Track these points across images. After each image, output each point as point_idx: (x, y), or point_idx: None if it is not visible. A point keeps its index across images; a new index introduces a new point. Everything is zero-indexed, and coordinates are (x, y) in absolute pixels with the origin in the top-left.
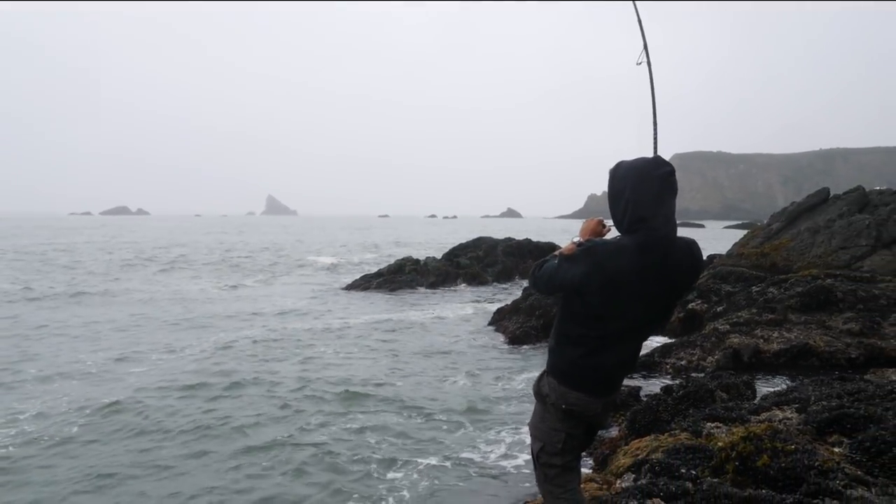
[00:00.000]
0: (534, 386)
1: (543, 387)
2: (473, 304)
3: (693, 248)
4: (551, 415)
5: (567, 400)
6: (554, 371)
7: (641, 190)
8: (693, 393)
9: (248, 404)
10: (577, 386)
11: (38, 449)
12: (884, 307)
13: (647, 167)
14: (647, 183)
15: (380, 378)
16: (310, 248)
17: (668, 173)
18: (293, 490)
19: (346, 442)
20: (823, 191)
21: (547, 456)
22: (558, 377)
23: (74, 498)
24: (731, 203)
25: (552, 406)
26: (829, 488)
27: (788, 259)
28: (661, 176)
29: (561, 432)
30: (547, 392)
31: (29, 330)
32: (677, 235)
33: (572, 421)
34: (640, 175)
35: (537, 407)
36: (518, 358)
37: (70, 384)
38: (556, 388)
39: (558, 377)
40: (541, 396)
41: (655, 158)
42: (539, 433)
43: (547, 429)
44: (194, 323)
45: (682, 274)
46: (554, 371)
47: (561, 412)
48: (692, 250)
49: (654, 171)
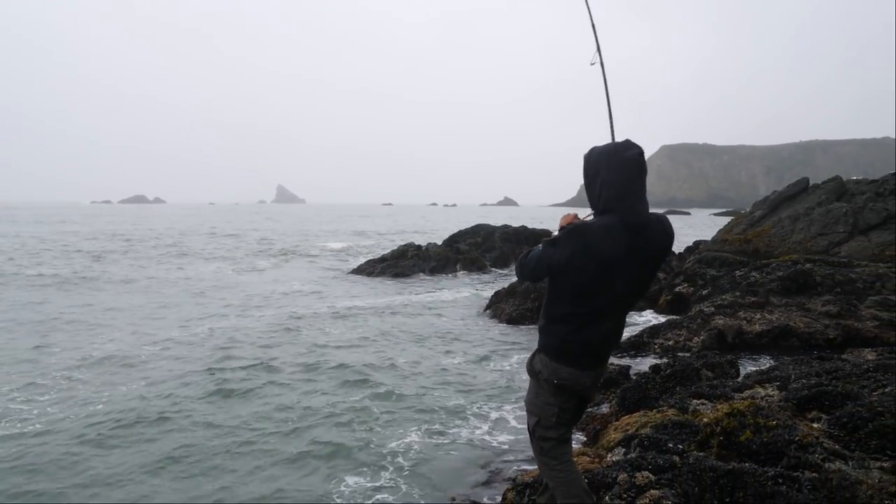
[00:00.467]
0: (527, 364)
1: (536, 364)
2: (471, 287)
3: (665, 223)
4: (545, 390)
5: (559, 375)
6: (545, 349)
7: (614, 170)
8: (680, 372)
9: (252, 376)
10: (568, 361)
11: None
12: (860, 290)
13: (617, 149)
14: (619, 163)
15: (379, 357)
16: (319, 234)
17: (637, 154)
18: (292, 448)
19: (346, 415)
20: (803, 180)
21: (542, 429)
22: (550, 354)
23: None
24: (715, 192)
25: (545, 382)
26: (809, 462)
27: (770, 245)
28: (631, 157)
29: (554, 406)
30: (539, 369)
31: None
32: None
33: (564, 395)
34: (611, 157)
35: (531, 383)
36: (513, 338)
37: (92, 373)
38: (548, 365)
39: (550, 354)
40: (534, 373)
41: (625, 141)
42: (534, 408)
43: (541, 403)
44: (208, 310)
45: (660, 248)
46: (545, 349)
47: (553, 387)
48: (664, 226)
49: (624, 153)
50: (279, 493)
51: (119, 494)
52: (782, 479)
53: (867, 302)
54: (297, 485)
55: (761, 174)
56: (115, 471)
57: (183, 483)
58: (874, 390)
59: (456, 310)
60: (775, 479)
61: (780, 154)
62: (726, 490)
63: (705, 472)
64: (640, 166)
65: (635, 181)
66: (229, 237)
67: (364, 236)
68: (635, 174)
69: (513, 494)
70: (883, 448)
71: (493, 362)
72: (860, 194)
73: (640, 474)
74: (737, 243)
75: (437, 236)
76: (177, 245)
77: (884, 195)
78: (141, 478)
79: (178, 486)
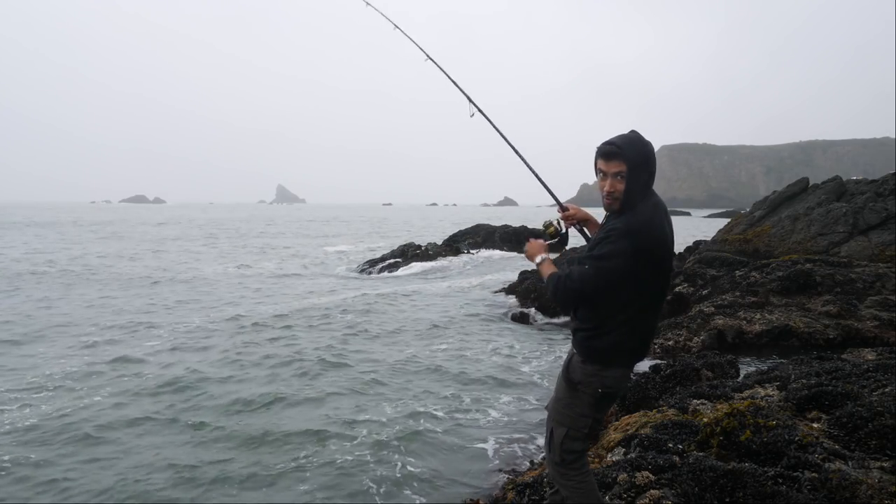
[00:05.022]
0: (563, 374)
1: (576, 374)
2: (473, 285)
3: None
4: (582, 402)
5: (605, 382)
6: (592, 356)
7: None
8: (680, 372)
9: (262, 364)
10: (620, 363)
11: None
12: (860, 290)
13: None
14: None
15: (378, 347)
16: (321, 233)
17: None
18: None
19: (338, 396)
20: (803, 180)
21: (570, 441)
22: (599, 361)
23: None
24: (715, 192)
25: (585, 393)
26: (809, 461)
27: (770, 245)
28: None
29: (588, 418)
30: (579, 378)
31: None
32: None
33: (605, 402)
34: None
35: (564, 393)
36: (515, 334)
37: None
38: (594, 374)
39: (599, 361)
40: (572, 384)
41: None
42: (565, 419)
43: (574, 415)
44: (221, 309)
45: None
46: (592, 356)
47: (596, 397)
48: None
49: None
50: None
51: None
52: (782, 479)
53: (867, 302)
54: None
55: (761, 174)
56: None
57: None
58: (874, 390)
59: (455, 308)
60: (775, 479)
61: (780, 154)
62: (726, 490)
63: (705, 472)
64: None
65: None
66: (240, 237)
67: (365, 235)
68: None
69: (513, 494)
70: (883, 448)
71: (488, 355)
72: (860, 194)
73: (640, 474)
74: (736, 243)
75: (438, 236)
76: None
77: (884, 195)
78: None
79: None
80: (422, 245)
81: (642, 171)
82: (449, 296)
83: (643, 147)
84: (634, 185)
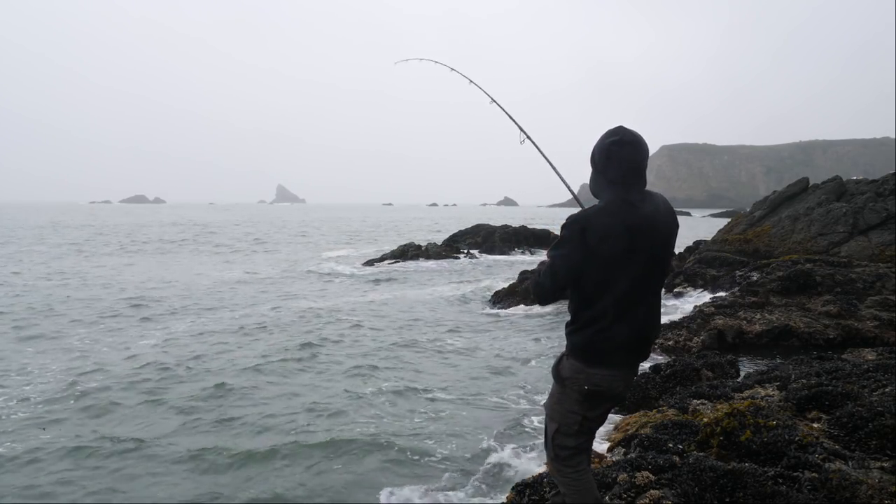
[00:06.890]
0: (553, 369)
1: (563, 370)
2: (474, 285)
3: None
4: (569, 397)
5: (591, 380)
6: (574, 352)
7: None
8: (680, 371)
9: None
10: (601, 363)
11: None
12: (860, 290)
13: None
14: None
15: (378, 344)
16: (322, 233)
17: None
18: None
19: (335, 383)
20: (803, 180)
21: (562, 437)
22: (581, 357)
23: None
24: (715, 192)
25: (572, 389)
26: (809, 461)
27: (770, 245)
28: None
29: (577, 414)
30: (567, 375)
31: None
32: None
33: (593, 401)
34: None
35: (555, 388)
36: (515, 334)
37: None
38: (580, 370)
39: (581, 357)
40: (560, 379)
41: (619, 128)
42: (555, 415)
43: (564, 411)
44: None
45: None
46: (574, 352)
47: (582, 394)
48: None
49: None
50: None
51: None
52: (782, 479)
53: (867, 302)
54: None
55: (761, 174)
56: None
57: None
58: (874, 390)
59: (451, 307)
60: (775, 479)
61: (780, 154)
62: (726, 490)
63: (705, 472)
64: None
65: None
66: (244, 240)
67: (366, 235)
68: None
69: (513, 494)
70: (883, 448)
71: (482, 353)
72: (860, 194)
73: (640, 474)
74: (737, 243)
75: (438, 236)
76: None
77: (884, 195)
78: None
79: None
80: (422, 245)
81: (593, 165)
82: (449, 296)
83: (598, 142)
84: (591, 179)
